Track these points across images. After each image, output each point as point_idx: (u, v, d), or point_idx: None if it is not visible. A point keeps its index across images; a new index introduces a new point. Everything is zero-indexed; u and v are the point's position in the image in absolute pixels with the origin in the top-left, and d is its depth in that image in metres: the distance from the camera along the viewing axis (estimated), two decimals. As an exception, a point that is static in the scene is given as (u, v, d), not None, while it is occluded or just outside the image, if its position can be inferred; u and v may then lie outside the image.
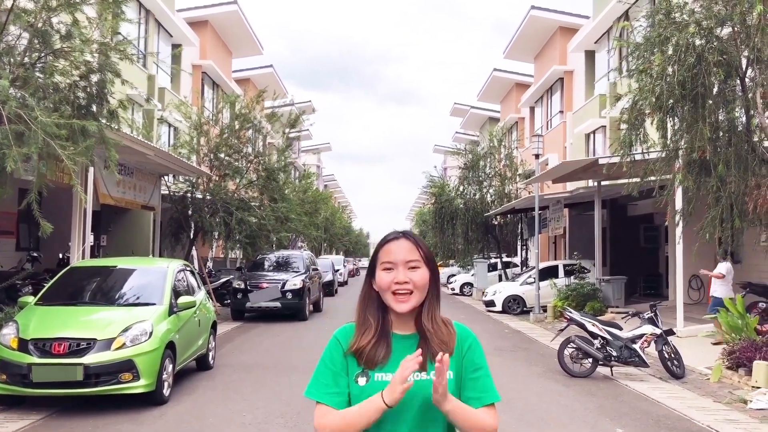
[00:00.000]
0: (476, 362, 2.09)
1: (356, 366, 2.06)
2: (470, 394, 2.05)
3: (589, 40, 26.32)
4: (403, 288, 2.03)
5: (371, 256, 2.19)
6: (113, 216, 20.13)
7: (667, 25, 8.95)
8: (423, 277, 2.05)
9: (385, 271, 2.06)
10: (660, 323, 10.52)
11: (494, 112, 45.55)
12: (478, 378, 2.07)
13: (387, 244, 2.11)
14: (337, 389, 2.05)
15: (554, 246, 31.36)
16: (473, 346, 2.11)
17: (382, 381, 2.01)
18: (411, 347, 2.03)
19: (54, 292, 8.76)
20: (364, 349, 2.04)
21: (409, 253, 2.06)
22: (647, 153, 10.16)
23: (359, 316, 2.12)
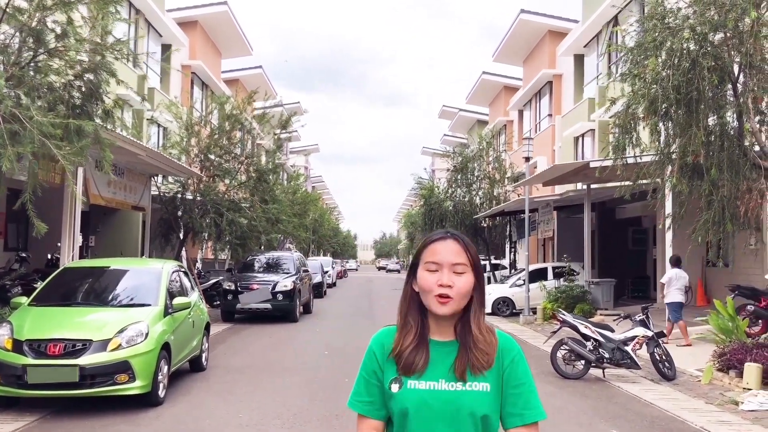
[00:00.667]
0: (520, 377, 1.99)
1: (393, 372, 1.99)
2: (511, 410, 1.96)
3: (579, 44, 26.52)
4: (447, 291, 1.94)
5: (414, 255, 2.08)
6: (102, 216, 20.01)
7: (661, 29, 9.04)
8: (468, 282, 1.96)
9: (428, 272, 1.97)
10: (651, 325, 10.62)
11: (483, 115, 45.74)
12: (521, 394, 1.97)
13: (433, 243, 2.01)
14: (369, 398, 2.01)
15: (543, 248, 31.52)
16: (517, 359, 2.00)
17: (415, 389, 1.94)
18: (449, 354, 1.97)
19: (48, 293, 8.70)
20: (403, 353, 1.97)
21: (456, 255, 1.97)
22: (640, 157, 10.27)
23: (400, 318, 2.05)
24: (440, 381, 1.95)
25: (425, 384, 1.94)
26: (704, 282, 19.16)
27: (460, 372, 1.93)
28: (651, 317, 10.80)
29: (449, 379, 1.94)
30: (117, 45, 9.40)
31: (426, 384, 1.94)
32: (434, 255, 1.98)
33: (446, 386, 1.94)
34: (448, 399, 1.91)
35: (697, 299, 18.98)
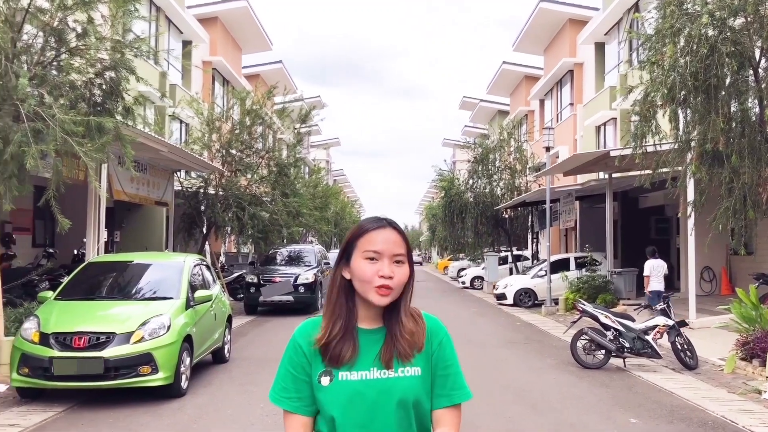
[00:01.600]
0: (447, 359, 1.96)
1: (320, 365, 1.90)
2: (440, 391, 1.94)
3: (599, 31, 26.23)
4: (388, 283, 1.87)
5: (346, 241, 1.99)
6: (126, 212, 20.31)
7: (679, 16, 8.93)
8: (406, 273, 1.91)
9: (367, 261, 1.88)
10: (672, 314, 10.55)
11: (504, 105, 45.45)
12: (449, 375, 1.95)
13: (371, 232, 1.93)
14: (297, 395, 1.92)
15: (565, 239, 31.32)
16: (444, 342, 1.97)
17: (347, 380, 1.88)
18: (377, 342, 1.92)
19: (73, 287, 8.89)
20: (330, 343, 1.89)
21: (397, 246, 1.91)
22: (659, 145, 10.18)
23: (328, 307, 1.95)
24: (372, 369, 1.89)
25: (357, 374, 1.88)
26: (729, 270, 18.95)
27: (386, 360, 1.88)
28: (672, 306, 10.72)
29: (380, 367, 1.89)
30: (136, 43, 9.53)
31: (358, 374, 1.88)
32: (374, 244, 1.90)
33: (378, 374, 1.88)
34: (382, 387, 1.87)
35: (721, 288, 18.79)
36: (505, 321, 17.61)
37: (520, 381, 9.40)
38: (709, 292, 18.68)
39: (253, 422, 7.07)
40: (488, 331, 15.36)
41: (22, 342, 7.66)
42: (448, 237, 33.07)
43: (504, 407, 7.77)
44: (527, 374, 9.93)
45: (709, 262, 18.58)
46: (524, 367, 10.61)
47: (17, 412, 7.41)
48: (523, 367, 10.54)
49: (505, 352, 12.09)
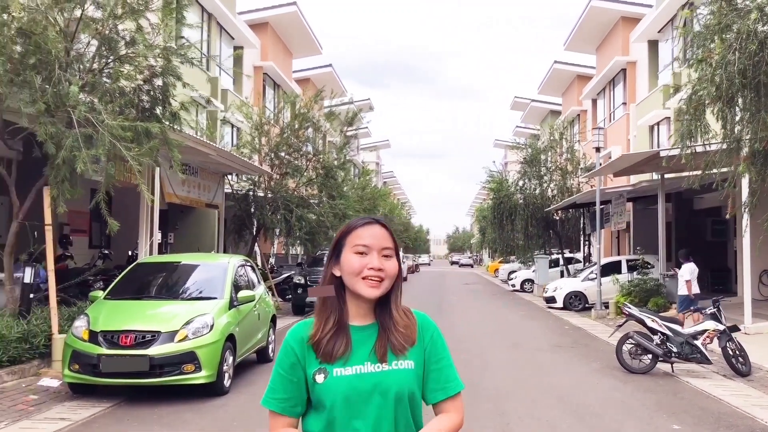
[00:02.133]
0: (439, 353, 2.02)
1: (315, 363, 1.94)
2: (433, 385, 1.99)
3: (652, 29, 25.64)
4: (377, 275, 1.92)
5: (335, 239, 2.05)
6: (180, 214, 20.84)
7: (728, 12, 8.68)
8: (394, 266, 1.97)
9: (357, 255, 1.94)
10: (723, 319, 10.24)
11: (556, 105, 44.85)
12: (441, 369, 2.01)
13: (358, 228, 1.99)
14: (284, 395, 1.96)
15: (617, 241, 30.68)
16: (435, 336, 2.04)
17: (342, 376, 1.91)
18: (369, 338, 1.96)
19: (121, 287, 9.20)
20: (322, 340, 1.94)
21: (384, 240, 1.97)
22: (708, 145, 9.90)
23: (319, 305, 2.01)
24: (366, 364, 1.93)
25: (351, 369, 1.92)
26: (789, 274, 18.26)
27: (380, 354, 1.93)
28: (723, 311, 10.40)
29: (374, 361, 1.93)
30: (182, 49, 9.80)
31: (352, 369, 1.92)
32: (362, 239, 1.96)
33: (372, 368, 1.92)
34: (375, 380, 1.91)
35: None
36: (553, 324, 17.37)
37: (563, 385, 9.27)
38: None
39: (291, 421, 7.16)
40: (535, 334, 15.18)
41: (73, 339, 7.98)
42: (497, 239, 32.77)
43: (543, 411, 7.68)
44: (570, 378, 9.78)
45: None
46: (568, 371, 10.46)
47: (68, 407, 7.70)
48: (567, 371, 10.39)
49: (550, 356, 11.93)
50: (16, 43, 8.68)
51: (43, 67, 8.63)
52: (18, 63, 8.56)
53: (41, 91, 8.34)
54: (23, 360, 8.93)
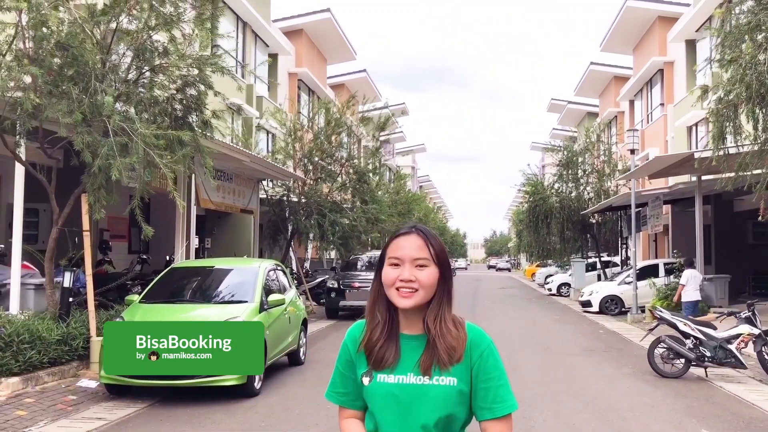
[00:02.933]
0: (489, 371, 1.97)
1: (364, 365, 2.02)
2: (482, 404, 1.97)
3: (690, 28, 25.22)
4: (408, 285, 1.94)
5: (381, 250, 2.09)
6: (217, 220, 21.25)
7: (758, 11, 8.57)
8: (430, 276, 1.96)
9: (391, 267, 1.97)
10: (759, 323, 10.05)
11: (593, 107, 44.35)
12: (489, 388, 1.96)
13: (397, 238, 2.02)
14: (343, 390, 2.08)
15: (655, 244, 30.20)
16: (486, 353, 1.98)
17: (383, 383, 1.97)
18: (418, 348, 1.98)
19: (156, 291, 9.46)
20: (372, 348, 2.00)
21: (418, 250, 1.97)
22: (741, 146, 9.76)
23: (368, 312, 2.06)
24: (408, 375, 1.96)
25: (394, 378, 1.96)
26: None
27: (425, 367, 1.93)
28: (758, 314, 10.21)
29: (417, 373, 1.95)
30: (214, 59, 10.04)
31: (395, 378, 1.96)
32: (397, 250, 1.98)
33: (414, 380, 1.95)
34: (416, 392, 1.93)
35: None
36: (588, 329, 17.21)
37: (592, 389, 9.22)
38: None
39: (317, 422, 7.30)
40: (568, 338, 15.07)
41: (109, 341, 8.22)
42: (533, 242, 32.54)
43: (570, 415, 7.67)
44: (600, 382, 9.72)
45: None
46: (599, 375, 10.38)
47: (104, 407, 7.96)
48: (597, 375, 10.32)
49: (581, 360, 11.85)
50: (55, 56, 9.00)
51: (80, 79, 8.93)
52: (56, 75, 8.88)
53: (78, 101, 8.63)
54: (63, 362, 9.23)
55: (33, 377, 8.61)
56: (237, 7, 23.27)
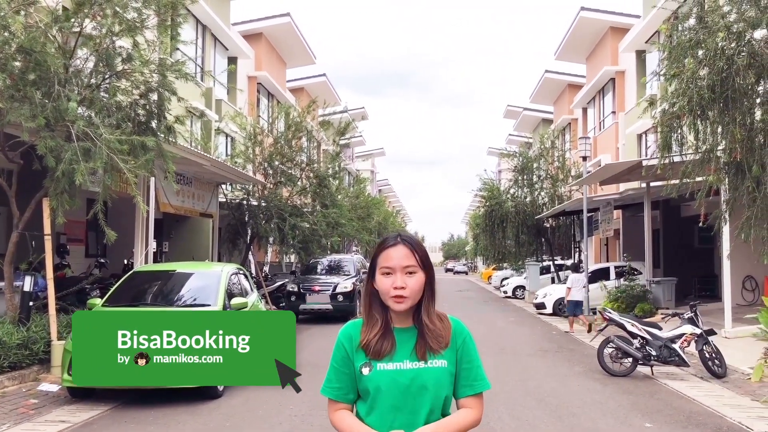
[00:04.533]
0: (471, 354, 2.36)
1: (363, 358, 2.30)
2: (464, 382, 2.34)
3: (640, 39, 26.14)
4: (401, 293, 2.25)
5: (372, 258, 2.39)
6: (174, 223, 21.16)
7: (698, 29, 9.10)
8: (418, 281, 2.28)
9: (384, 276, 2.28)
10: (701, 323, 10.60)
11: (548, 114, 45.35)
12: (471, 368, 2.34)
13: (386, 249, 2.32)
14: (338, 384, 2.35)
15: (606, 248, 31.11)
16: (467, 340, 2.37)
17: (384, 370, 2.27)
18: (411, 338, 2.31)
19: (118, 295, 9.51)
20: (371, 342, 2.28)
21: (406, 259, 2.27)
22: (685, 155, 10.30)
23: (365, 313, 2.37)
24: (405, 361, 2.28)
25: (393, 365, 2.27)
26: (772, 280, 18.63)
27: (421, 353, 2.27)
28: (700, 315, 10.77)
29: (412, 359, 2.28)
30: (177, 65, 10.16)
31: (393, 365, 2.27)
32: (388, 260, 2.29)
33: (410, 365, 2.27)
34: (413, 375, 2.26)
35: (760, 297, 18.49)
36: (541, 330, 17.72)
37: (545, 387, 9.61)
38: (751, 301, 18.40)
39: (281, 422, 7.50)
40: (522, 339, 15.53)
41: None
42: (489, 246, 33.14)
43: (524, 411, 8.03)
44: (553, 381, 10.13)
45: (751, 271, 18.32)
46: (551, 374, 10.80)
47: (68, 410, 8.01)
48: (550, 374, 10.74)
49: (534, 360, 12.28)
50: (17, 60, 9.01)
51: (43, 83, 8.97)
52: (18, 79, 8.90)
53: (41, 106, 8.67)
54: (23, 366, 9.23)
55: (-7, 381, 8.60)
56: (197, 11, 23.24)
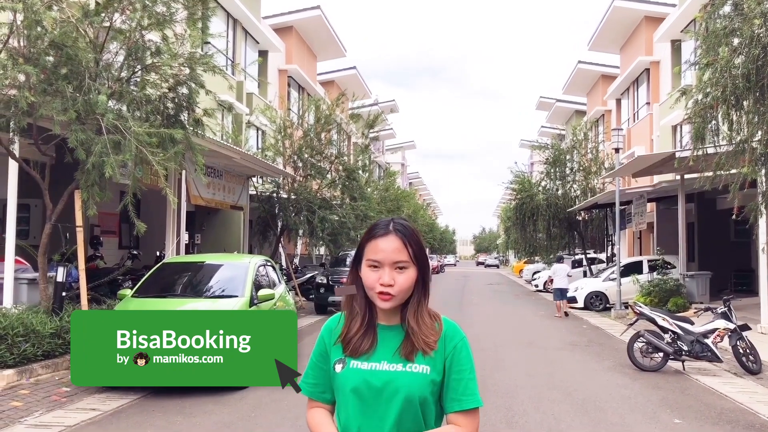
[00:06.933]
0: (462, 364, 2.01)
1: (339, 354, 2.04)
2: (452, 395, 1.99)
3: (675, 29, 25.59)
4: (388, 291, 1.95)
5: (358, 246, 2.07)
6: (206, 216, 21.42)
7: (734, 17, 8.86)
8: (409, 278, 1.98)
9: (370, 269, 1.98)
10: (734, 318, 10.37)
11: (581, 105, 44.76)
12: (461, 380, 1.99)
13: (375, 239, 2.00)
14: (314, 381, 2.11)
15: (639, 241, 30.61)
16: (459, 347, 2.02)
17: (357, 368, 1.99)
18: (395, 337, 2.02)
19: (148, 286, 9.66)
20: (351, 338, 2.02)
21: (397, 253, 1.96)
22: (719, 146, 10.05)
23: (346, 305, 2.08)
24: (382, 362, 1.98)
25: (368, 365, 1.98)
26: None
27: (405, 354, 1.97)
28: (733, 310, 10.53)
29: (391, 361, 1.98)
30: (205, 59, 10.23)
31: (369, 365, 1.98)
32: (375, 253, 1.98)
33: (387, 367, 1.97)
34: (387, 378, 1.96)
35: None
36: (572, 324, 17.53)
37: (572, 381, 9.50)
38: None
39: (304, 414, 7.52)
40: (552, 334, 15.38)
41: (102, 335, 8.41)
42: (520, 239, 32.88)
43: (549, 406, 7.94)
44: (580, 375, 10.01)
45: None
46: (580, 368, 10.68)
47: (98, 399, 8.15)
48: (578, 369, 10.61)
49: (563, 354, 12.15)
50: (49, 55, 9.17)
51: (74, 77, 9.11)
52: (50, 73, 9.05)
53: (72, 99, 8.81)
54: (56, 354, 9.42)
55: (27, 369, 8.81)
56: (227, 5, 23.41)
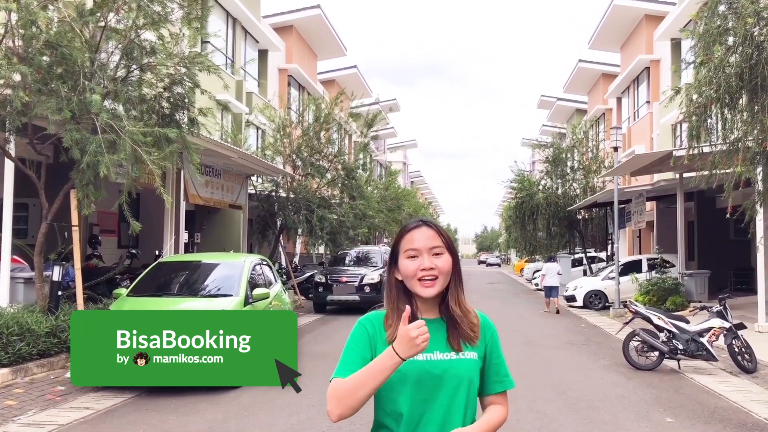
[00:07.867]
0: (499, 350, 2.25)
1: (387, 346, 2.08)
2: (495, 378, 2.21)
3: (675, 27, 25.55)
4: (429, 274, 2.09)
5: (393, 245, 2.21)
6: (206, 215, 21.46)
7: (728, 15, 8.86)
8: (447, 262, 2.12)
9: (409, 259, 2.11)
10: (730, 317, 10.37)
11: (581, 104, 44.71)
12: (501, 364, 2.23)
13: (409, 232, 2.15)
14: (354, 368, 2.04)
15: (639, 240, 30.59)
16: (495, 335, 2.25)
17: (414, 360, 2.05)
18: (437, 330, 2.12)
19: (144, 285, 9.68)
20: None
21: (432, 240, 2.12)
22: (715, 145, 10.06)
23: (390, 305, 2.17)
24: (435, 353, 2.10)
25: (423, 356, 2.07)
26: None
27: (456, 344, 2.12)
28: (729, 309, 10.53)
29: (443, 350, 2.11)
30: (200, 58, 10.25)
31: (424, 356, 2.08)
32: (412, 242, 2.12)
33: (441, 356, 2.11)
34: (446, 367, 2.10)
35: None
36: (570, 323, 17.53)
37: (567, 380, 9.51)
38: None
39: (299, 411, 7.56)
40: (550, 332, 15.38)
41: (97, 334, 8.44)
42: (520, 238, 32.88)
43: (542, 404, 7.95)
44: (576, 374, 10.02)
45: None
46: (575, 367, 10.68)
47: (92, 397, 8.18)
48: (574, 368, 10.62)
49: (560, 353, 12.15)
50: (44, 55, 9.19)
51: (69, 77, 9.13)
52: (45, 73, 9.08)
53: (67, 99, 8.83)
54: (52, 353, 9.45)
55: (22, 368, 8.84)
56: (227, 4, 23.42)
